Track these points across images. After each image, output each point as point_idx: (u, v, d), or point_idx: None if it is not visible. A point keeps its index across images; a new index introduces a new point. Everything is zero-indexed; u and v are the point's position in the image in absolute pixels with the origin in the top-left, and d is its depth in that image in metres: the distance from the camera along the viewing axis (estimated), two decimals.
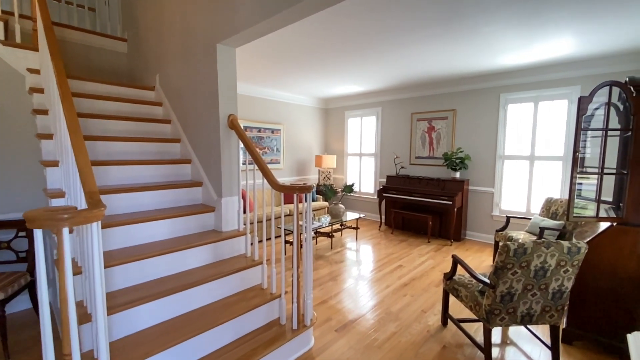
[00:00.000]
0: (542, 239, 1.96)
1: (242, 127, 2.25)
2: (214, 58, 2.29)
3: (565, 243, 1.81)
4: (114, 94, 3.05)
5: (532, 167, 4.42)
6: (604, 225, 2.28)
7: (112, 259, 1.82)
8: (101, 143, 2.46)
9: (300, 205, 3.66)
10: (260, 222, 4.38)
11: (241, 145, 2.47)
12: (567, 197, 4.07)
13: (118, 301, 1.69)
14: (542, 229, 3.28)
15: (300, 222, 2.75)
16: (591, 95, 1.97)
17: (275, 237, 4.92)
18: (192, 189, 2.57)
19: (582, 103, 1.98)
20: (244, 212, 4.16)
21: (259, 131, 5.58)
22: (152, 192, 2.36)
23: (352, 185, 4.76)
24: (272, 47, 3.45)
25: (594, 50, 3.44)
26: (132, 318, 1.70)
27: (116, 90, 3.09)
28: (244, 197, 4.48)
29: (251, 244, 2.32)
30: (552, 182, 4.28)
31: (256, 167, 2.22)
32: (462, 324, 2.52)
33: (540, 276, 1.85)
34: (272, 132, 5.81)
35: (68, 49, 3.62)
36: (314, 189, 5.93)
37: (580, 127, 2.01)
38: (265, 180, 2.20)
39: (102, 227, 1.92)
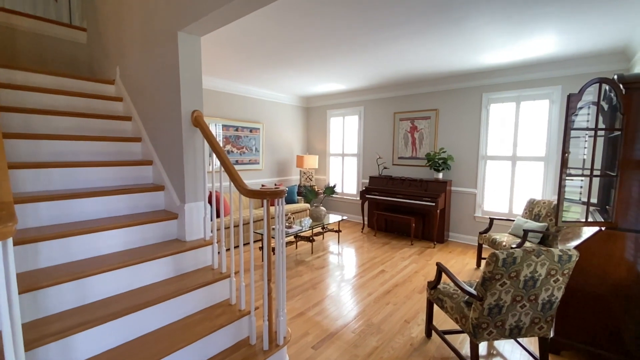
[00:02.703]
0: (532, 247, 1.83)
1: (207, 125, 2.02)
2: (175, 48, 2.04)
3: (556, 251, 1.69)
4: (67, 88, 2.74)
5: (514, 167, 4.37)
6: (587, 228, 2.20)
7: (47, 278, 1.55)
8: (46, 142, 2.16)
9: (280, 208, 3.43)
10: (227, 228, 4.13)
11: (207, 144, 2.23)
12: (549, 198, 4.05)
13: (51, 329, 1.43)
14: (525, 231, 3.20)
15: (274, 227, 2.54)
16: (581, 92, 1.87)
17: (247, 245, 4.67)
18: (153, 193, 2.30)
19: (572, 102, 1.87)
20: (217, 216, 3.91)
21: (237, 130, 5.31)
22: (105, 197, 2.08)
23: (334, 186, 4.58)
24: (248, 41, 3.21)
25: (576, 50, 3.40)
26: (69, 348, 1.44)
27: (70, 84, 2.78)
28: (215, 201, 4.21)
29: (218, 252, 2.09)
30: (534, 183, 4.24)
31: (223, 169, 1.99)
32: (447, 336, 2.38)
33: (529, 286, 1.72)
34: (251, 131, 5.55)
35: (18, 38, 3.27)
36: (295, 191, 5.71)
37: (570, 126, 1.89)
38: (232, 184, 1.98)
39: (36, 241, 1.64)
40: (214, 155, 2.07)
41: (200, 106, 2.14)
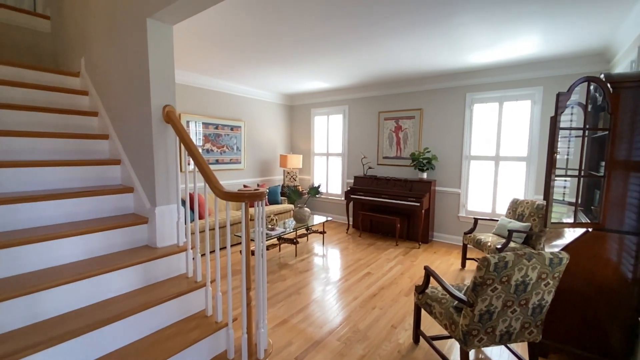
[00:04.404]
0: (522, 250, 1.77)
1: (180, 121, 1.86)
2: (144, 36, 1.87)
3: (547, 254, 1.64)
4: (27, 80, 2.49)
5: (497, 167, 4.40)
6: (570, 228, 2.18)
7: None
8: None
9: (261, 210, 3.27)
10: (203, 232, 3.91)
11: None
12: (531, 197, 4.08)
13: None
14: (510, 232, 3.20)
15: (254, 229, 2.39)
16: (569, 91, 1.83)
17: (225, 249, 4.49)
18: (121, 195, 2.11)
19: (561, 101, 1.83)
20: (193, 220, 3.73)
21: (217, 128, 5.10)
22: (64, 200, 1.88)
23: (319, 186, 4.47)
24: (227, 35, 3.04)
25: (557, 51, 3.43)
26: None
27: (31, 76, 2.53)
28: (188, 203, 4.01)
29: (193, 258, 1.93)
30: (516, 183, 4.28)
31: (197, 170, 1.83)
32: (435, 341, 2.31)
33: (520, 291, 1.66)
34: (232, 129, 5.35)
35: None
36: (278, 191, 5.56)
37: (559, 125, 1.85)
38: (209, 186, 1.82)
39: None
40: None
41: (173, 101, 1.97)
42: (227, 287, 1.70)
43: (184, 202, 3.73)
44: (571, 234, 2.23)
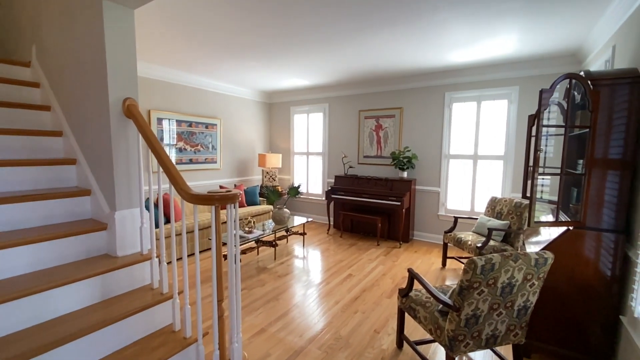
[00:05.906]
0: (510, 251, 1.72)
1: (143, 117, 1.67)
2: (100, 20, 1.67)
3: (533, 254, 1.59)
4: None
5: (475, 166, 4.44)
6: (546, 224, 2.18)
7: None
8: None
9: (234, 214, 3.09)
10: (168, 237, 3.67)
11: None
12: (508, 196, 4.15)
13: None
14: (490, 230, 3.21)
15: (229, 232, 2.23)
16: (552, 88, 1.81)
17: (201, 252, 4.28)
18: (77, 199, 1.89)
19: (544, 98, 1.81)
20: (156, 226, 3.50)
21: (190, 125, 4.85)
22: (10, 205, 1.65)
23: (298, 187, 4.34)
24: (200, 25, 2.84)
25: (533, 51, 3.48)
26: None
27: None
28: (152, 205, 3.77)
29: (159, 263, 1.75)
30: (494, 181, 4.33)
31: (162, 170, 1.65)
32: (419, 346, 2.24)
33: (506, 293, 1.61)
34: (207, 127, 5.11)
35: None
36: (257, 192, 5.38)
37: (541, 123, 1.83)
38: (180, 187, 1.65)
39: None
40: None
41: (135, 94, 1.78)
42: (197, 298, 1.54)
43: (148, 205, 3.49)
44: (548, 231, 2.23)
